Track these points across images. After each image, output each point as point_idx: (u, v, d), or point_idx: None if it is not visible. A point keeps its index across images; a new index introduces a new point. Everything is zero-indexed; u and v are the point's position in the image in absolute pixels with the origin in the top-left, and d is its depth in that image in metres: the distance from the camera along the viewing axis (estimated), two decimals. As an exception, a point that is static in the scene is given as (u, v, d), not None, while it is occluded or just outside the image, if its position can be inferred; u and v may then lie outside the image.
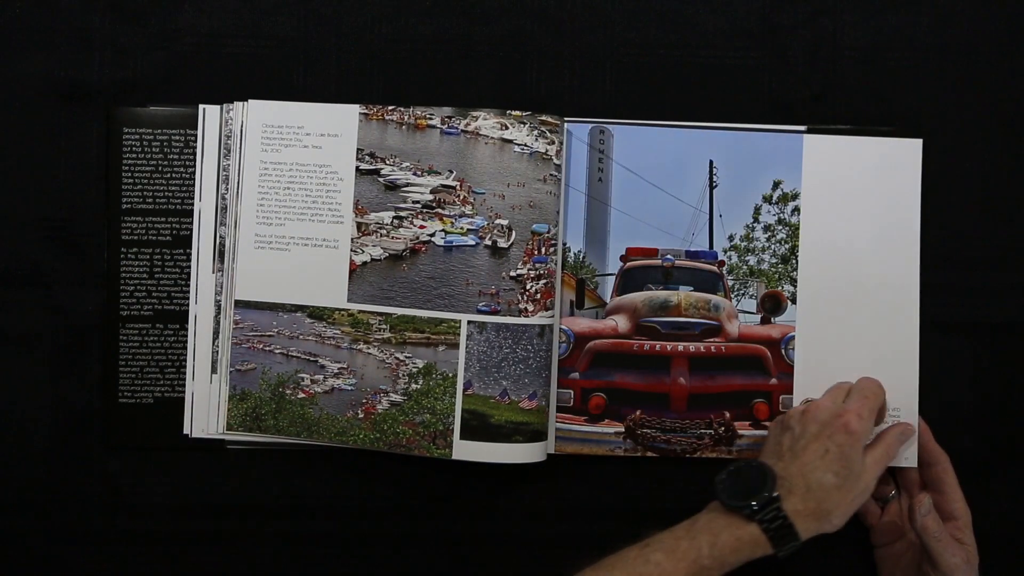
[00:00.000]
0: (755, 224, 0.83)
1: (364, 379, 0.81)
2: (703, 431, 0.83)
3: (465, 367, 0.80)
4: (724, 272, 0.84)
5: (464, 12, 0.83)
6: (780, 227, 0.83)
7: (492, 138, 0.81)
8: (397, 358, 0.81)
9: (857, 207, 0.83)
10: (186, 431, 0.83)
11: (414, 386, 0.81)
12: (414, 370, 0.81)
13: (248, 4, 0.83)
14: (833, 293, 0.83)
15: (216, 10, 0.83)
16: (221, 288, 0.82)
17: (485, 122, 0.81)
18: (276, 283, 0.81)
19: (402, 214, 0.82)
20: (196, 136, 0.82)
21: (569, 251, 0.83)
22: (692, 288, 0.84)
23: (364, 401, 0.81)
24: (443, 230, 0.81)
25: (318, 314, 0.81)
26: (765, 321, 0.84)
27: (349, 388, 0.81)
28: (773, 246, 0.83)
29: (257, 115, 0.81)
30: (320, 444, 0.82)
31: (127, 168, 0.82)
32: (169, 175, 0.82)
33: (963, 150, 0.84)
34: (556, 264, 0.82)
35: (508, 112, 0.81)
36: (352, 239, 0.81)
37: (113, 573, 0.83)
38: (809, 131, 0.83)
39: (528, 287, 0.80)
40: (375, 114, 0.81)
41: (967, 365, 0.84)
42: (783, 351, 0.83)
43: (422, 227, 0.81)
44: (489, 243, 0.81)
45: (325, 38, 0.83)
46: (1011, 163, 0.84)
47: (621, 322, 0.83)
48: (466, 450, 0.80)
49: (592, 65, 0.83)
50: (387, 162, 0.82)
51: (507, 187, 0.81)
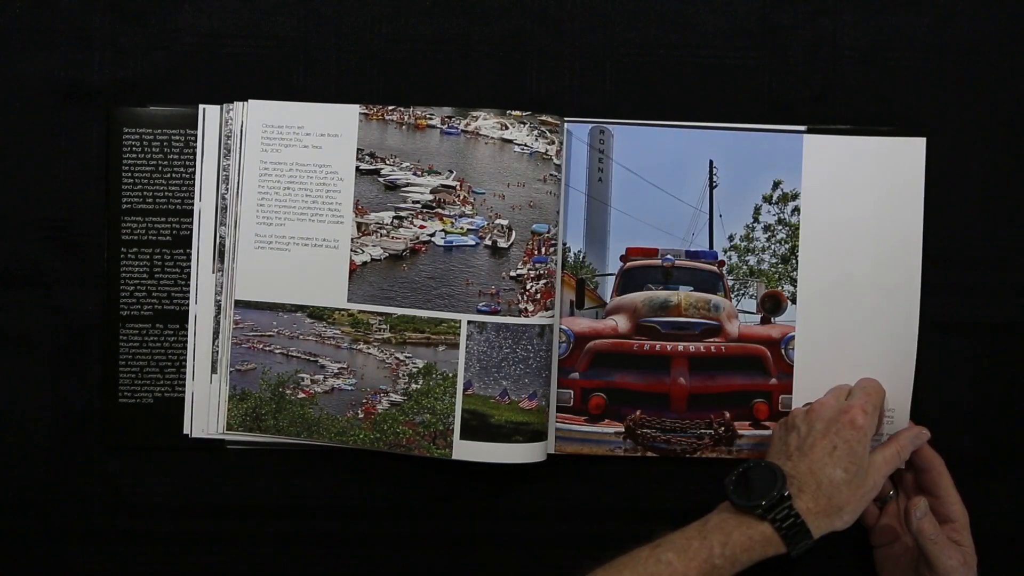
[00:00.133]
0: (755, 224, 0.83)
1: (364, 379, 0.81)
2: (703, 431, 0.83)
3: (465, 367, 0.80)
4: (724, 272, 0.84)
5: (464, 12, 0.83)
6: (780, 227, 0.83)
7: (492, 138, 0.81)
8: (397, 358, 0.81)
9: (858, 207, 0.83)
10: (186, 431, 0.83)
11: (414, 386, 0.81)
12: (414, 370, 0.81)
13: (248, 4, 0.83)
14: (833, 293, 0.83)
15: (216, 10, 0.83)
16: (221, 288, 0.82)
17: (485, 122, 0.81)
18: (276, 283, 0.81)
19: (402, 214, 0.82)
20: (196, 136, 0.82)
21: (569, 251, 0.83)
22: (692, 288, 0.84)
23: (364, 401, 0.81)
24: (443, 230, 0.81)
25: (318, 314, 0.81)
26: (765, 321, 0.84)
27: (349, 388, 0.81)
28: (773, 246, 0.83)
29: (257, 115, 0.81)
30: (320, 444, 0.82)
31: (127, 168, 0.82)
32: (169, 175, 0.82)
33: (963, 150, 0.84)
34: (556, 264, 0.82)
35: (508, 112, 0.81)
36: (352, 239, 0.81)
37: (113, 573, 0.83)
38: (809, 131, 0.83)
39: (528, 287, 0.80)
40: (375, 114, 0.81)
41: (967, 365, 0.84)
42: (783, 351, 0.83)
43: (422, 227, 0.81)
44: (489, 243, 0.81)
45: (325, 38, 0.83)
46: (1011, 164, 0.84)
47: (621, 322, 0.84)
48: (466, 450, 0.80)
49: (592, 65, 0.83)
50: (387, 162, 0.82)
51: (507, 187, 0.81)
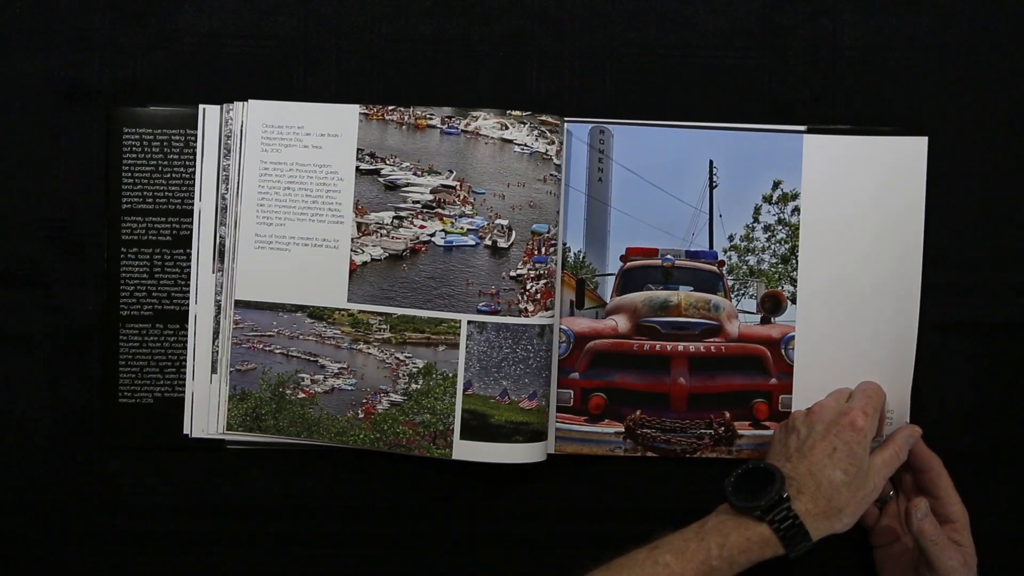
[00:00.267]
0: (755, 224, 0.83)
1: (364, 379, 0.81)
2: (703, 431, 0.83)
3: (465, 367, 0.80)
4: (724, 272, 0.84)
5: (464, 12, 0.83)
6: (780, 227, 0.83)
7: (492, 138, 0.81)
8: (397, 358, 0.81)
9: (858, 207, 0.83)
10: (186, 431, 0.83)
11: (414, 386, 0.81)
12: (414, 370, 0.81)
13: (248, 4, 0.83)
14: (833, 293, 0.83)
15: (216, 10, 0.83)
16: (221, 288, 0.82)
17: (485, 122, 0.81)
18: (276, 283, 0.81)
19: (402, 214, 0.82)
20: (196, 136, 0.82)
21: (569, 251, 0.83)
22: (692, 288, 0.84)
23: (364, 401, 0.81)
24: (443, 230, 0.81)
25: (318, 314, 0.81)
26: (765, 321, 0.84)
27: (349, 388, 0.81)
28: (773, 246, 0.83)
29: (257, 115, 0.81)
30: (320, 444, 0.82)
31: (127, 168, 0.82)
32: (169, 175, 0.82)
33: (963, 150, 0.84)
34: (556, 264, 0.82)
35: (508, 112, 0.81)
36: (352, 239, 0.81)
37: (113, 573, 0.83)
38: (809, 131, 0.83)
39: (528, 287, 0.80)
40: (375, 114, 0.81)
41: (967, 365, 0.84)
42: (783, 351, 0.83)
43: (422, 227, 0.81)
44: (489, 243, 0.81)
45: (325, 38, 0.83)
46: (1011, 164, 0.84)
47: (621, 322, 0.83)
48: (466, 450, 0.80)
49: (592, 65, 0.83)
50: (387, 162, 0.82)
51: (507, 187, 0.81)
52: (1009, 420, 0.84)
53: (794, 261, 0.83)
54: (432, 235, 0.81)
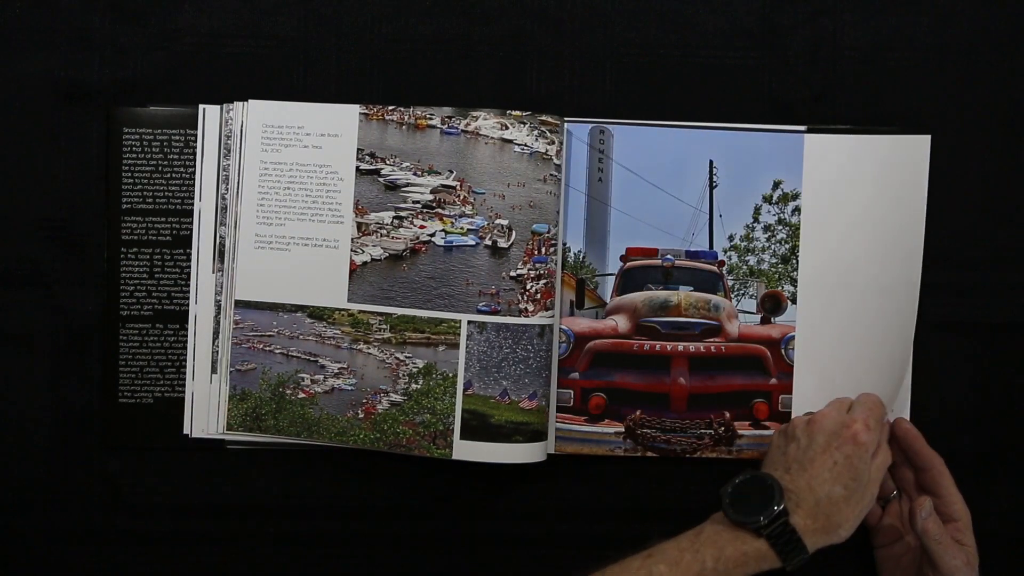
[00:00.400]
0: (755, 224, 0.83)
1: (364, 379, 0.81)
2: (703, 431, 0.83)
3: (465, 367, 0.80)
4: (724, 272, 0.84)
5: (464, 12, 0.83)
6: (780, 227, 0.83)
7: (492, 138, 0.81)
8: (397, 358, 0.81)
9: (859, 207, 0.83)
10: (186, 431, 0.83)
11: (414, 386, 0.81)
12: (414, 370, 0.81)
13: (248, 4, 0.83)
14: (833, 293, 0.83)
15: (216, 10, 0.83)
16: (221, 288, 0.82)
17: (485, 122, 0.81)
18: (276, 283, 0.81)
19: (402, 214, 0.82)
20: (196, 136, 0.82)
21: (569, 251, 0.83)
22: (692, 288, 0.84)
23: (364, 401, 0.81)
24: (443, 230, 0.81)
25: (318, 314, 0.81)
26: (765, 321, 0.84)
27: (349, 388, 0.81)
28: (773, 246, 0.83)
29: (257, 115, 0.81)
30: (320, 444, 0.82)
31: (127, 168, 0.82)
32: (169, 175, 0.82)
33: (963, 150, 0.84)
34: (556, 264, 0.82)
35: (508, 112, 0.81)
36: (352, 239, 0.81)
37: (113, 573, 0.83)
38: (809, 131, 0.83)
39: (528, 287, 0.80)
40: (375, 114, 0.81)
41: (966, 365, 0.84)
42: (783, 351, 0.83)
43: (422, 227, 0.81)
44: (489, 243, 0.81)
45: (325, 38, 0.83)
46: (1011, 164, 0.84)
47: (621, 322, 0.83)
48: (466, 450, 0.80)
49: (592, 65, 0.83)
50: (387, 162, 0.82)
51: (507, 187, 0.81)
52: (1009, 420, 0.84)
53: (794, 261, 0.83)
54: (432, 235, 0.81)
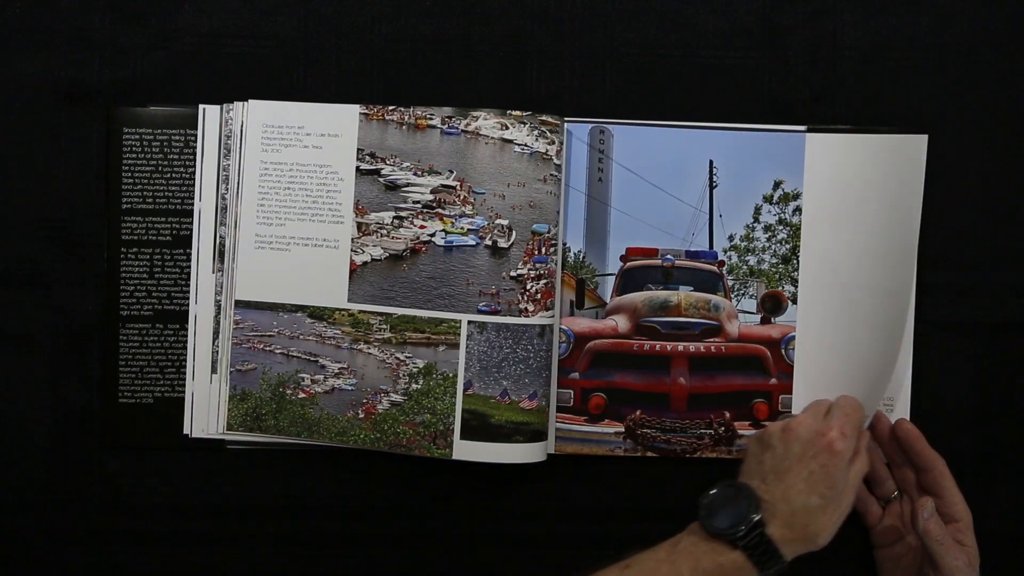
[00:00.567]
0: (755, 224, 0.83)
1: (364, 379, 0.81)
2: (703, 431, 0.83)
3: (465, 367, 0.80)
4: (724, 272, 0.84)
5: (464, 12, 0.83)
6: (780, 227, 0.83)
7: (492, 138, 0.81)
8: (397, 358, 0.81)
9: (859, 206, 0.82)
10: (186, 431, 0.83)
11: (414, 386, 0.81)
12: (414, 370, 0.81)
13: (248, 4, 0.83)
14: (833, 293, 0.83)
15: (216, 10, 0.83)
16: (221, 288, 0.82)
17: (485, 122, 0.81)
18: (276, 283, 0.81)
19: (402, 214, 0.82)
20: (196, 136, 0.82)
21: (569, 251, 0.83)
22: (692, 288, 0.84)
23: (364, 401, 0.81)
24: (443, 230, 0.81)
25: (318, 314, 0.81)
26: (765, 321, 0.84)
27: (349, 388, 0.81)
28: (773, 246, 0.83)
29: (257, 115, 0.81)
30: (320, 444, 0.82)
31: (127, 168, 0.82)
32: (169, 175, 0.82)
33: (963, 150, 0.84)
34: (556, 264, 0.82)
35: (508, 112, 0.81)
36: (352, 239, 0.81)
37: (113, 573, 0.83)
38: (809, 131, 0.83)
39: (528, 287, 0.80)
40: (375, 114, 0.81)
41: (966, 365, 0.84)
42: (783, 351, 0.83)
43: (422, 227, 0.81)
44: (489, 243, 0.81)
45: (325, 38, 0.83)
46: (1010, 164, 0.84)
47: (621, 322, 0.83)
48: (466, 450, 0.80)
49: (592, 65, 0.83)
50: (387, 162, 0.82)
51: (507, 187, 0.81)
52: (1009, 420, 0.84)
53: (795, 261, 0.83)
54: (432, 235, 0.81)
